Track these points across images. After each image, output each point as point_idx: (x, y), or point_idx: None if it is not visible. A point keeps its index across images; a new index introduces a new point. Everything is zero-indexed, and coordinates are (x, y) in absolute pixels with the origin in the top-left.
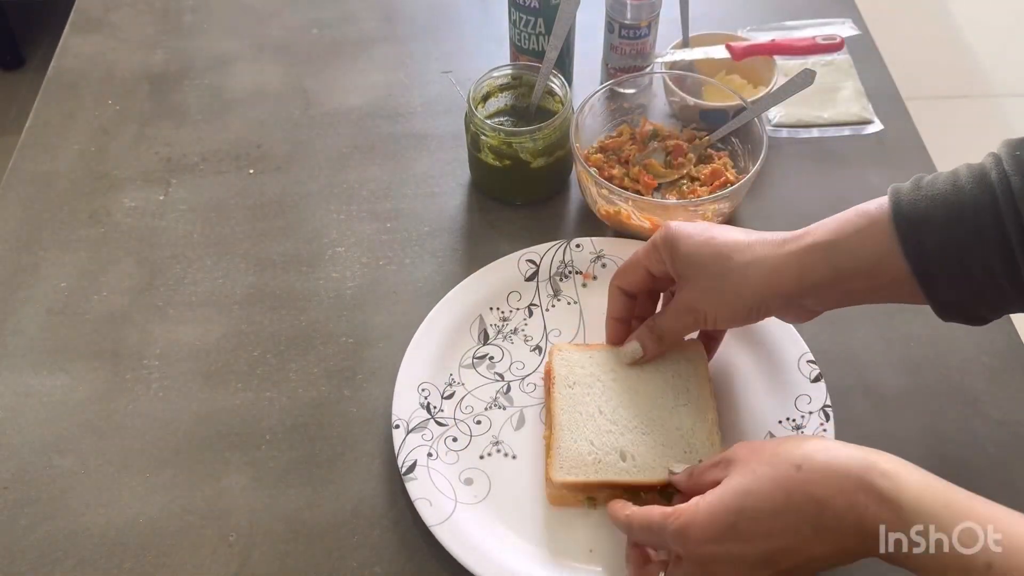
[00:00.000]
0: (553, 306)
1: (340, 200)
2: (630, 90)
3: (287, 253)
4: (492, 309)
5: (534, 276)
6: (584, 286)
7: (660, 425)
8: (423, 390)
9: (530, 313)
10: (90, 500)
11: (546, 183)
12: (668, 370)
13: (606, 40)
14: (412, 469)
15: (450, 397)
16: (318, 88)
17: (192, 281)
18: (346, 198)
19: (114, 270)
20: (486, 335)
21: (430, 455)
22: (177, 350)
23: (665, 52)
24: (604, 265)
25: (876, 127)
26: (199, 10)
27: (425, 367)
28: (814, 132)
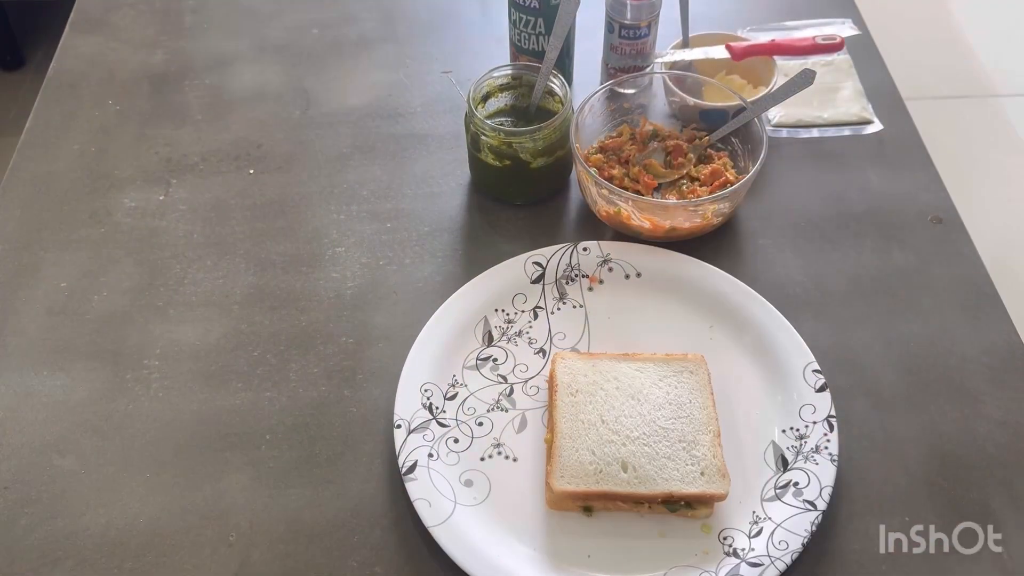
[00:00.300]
0: (559, 309)
1: (340, 200)
2: (630, 90)
3: (287, 253)
4: (497, 311)
5: (540, 279)
6: (590, 290)
7: (662, 436)
8: (426, 390)
9: (535, 316)
10: (90, 500)
11: (546, 183)
12: (671, 381)
13: (606, 40)
14: (412, 469)
15: (452, 398)
16: (318, 88)
17: (192, 281)
18: (346, 198)
19: (114, 270)
20: (490, 337)
21: (431, 456)
22: (177, 350)
23: (665, 52)
24: (611, 269)
25: (876, 127)
26: (199, 10)
27: (428, 367)
28: (814, 132)
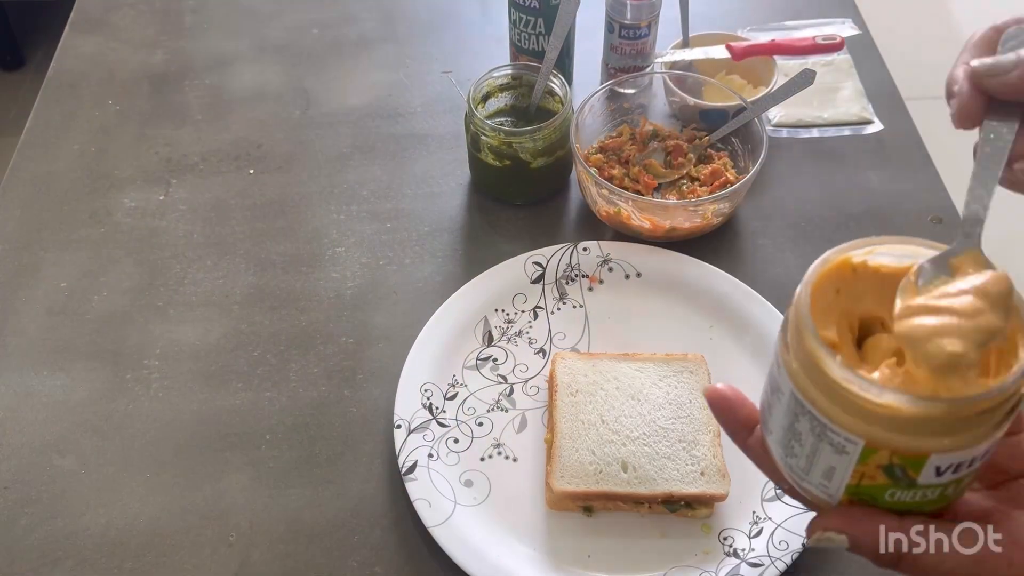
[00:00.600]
0: (559, 309)
1: (340, 200)
2: (630, 90)
3: (287, 253)
4: (497, 311)
5: (540, 279)
6: (590, 290)
7: (663, 436)
8: (426, 390)
9: (535, 316)
10: (90, 500)
11: (546, 183)
12: (671, 381)
13: (606, 40)
14: (412, 470)
15: (452, 398)
16: (318, 88)
17: (192, 281)
18: (346, 198)
19: (114, 270)
20: (490, 337)
21: (431, 456)
22: (177, 350)
23: (665, 52)
24: (611, 269)
25: (876, 127)
26: (199, 10)
27: (428, 367)
28: (814, 132)
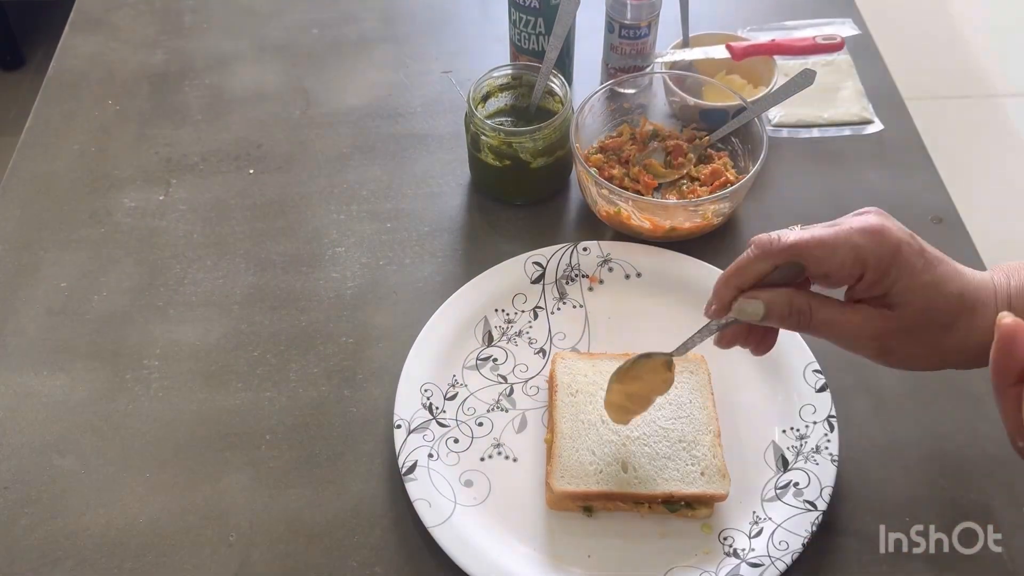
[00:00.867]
0: (559, 309)
1: (340, 200)
2: (630, 90)
3: (287, 253)
4: (497, 311)
5: (540, 279)
6: (590, 290)
7: (663, 436)
8: (426, 390)
9: (535, 316)
10: (90, 500)
11: (546, 183)
12: None
13: (606, 40)
14: (412, 470)
15: (452, 398)
16: (318, 88)
17: (192, 281)
18: (346, 198)
19: (114, 270)
20: (490, 337)
21: (431, 456)
22: (177, 350)
23: (665, 52)
24: (611, 269)
25: (876, 127)
26: (199, 10)
27: (428, 367)
28: (814, 132)
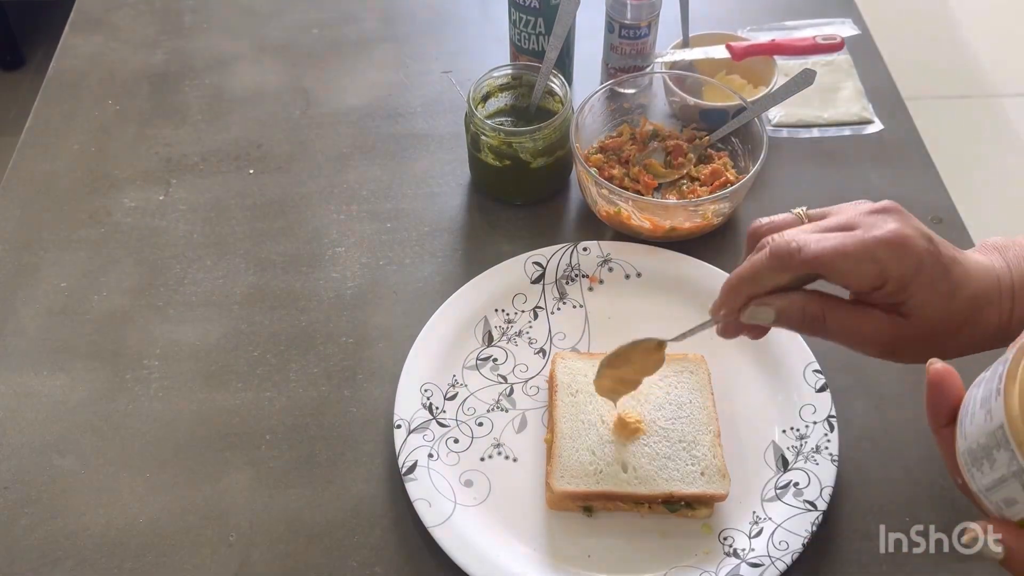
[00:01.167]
0: (559, 309)
1: (340, 200)
2: (630, 90)
3: (287, 253)
4: (497, 311)
5: (540, 279)
6: (590, 290)
7: (663, 436)
8: (426, 390)
9: (535, 316)
10: (90, 500)
11: (546, 183)
12: (671, 381)
13: (606, 40)
14: (412, 470)
15: (452, 398)
16: (318, 88)
17: (192, 281)
18: (346, 198)
19: (114, 270)
20: (490, 337)
21: (431, 456)
22: (177, 350)
23: (665, 52)
24: (611, 269)
25: (876, 127)
26: (199, 10)
27: (428, 367)
28: (814, 132)
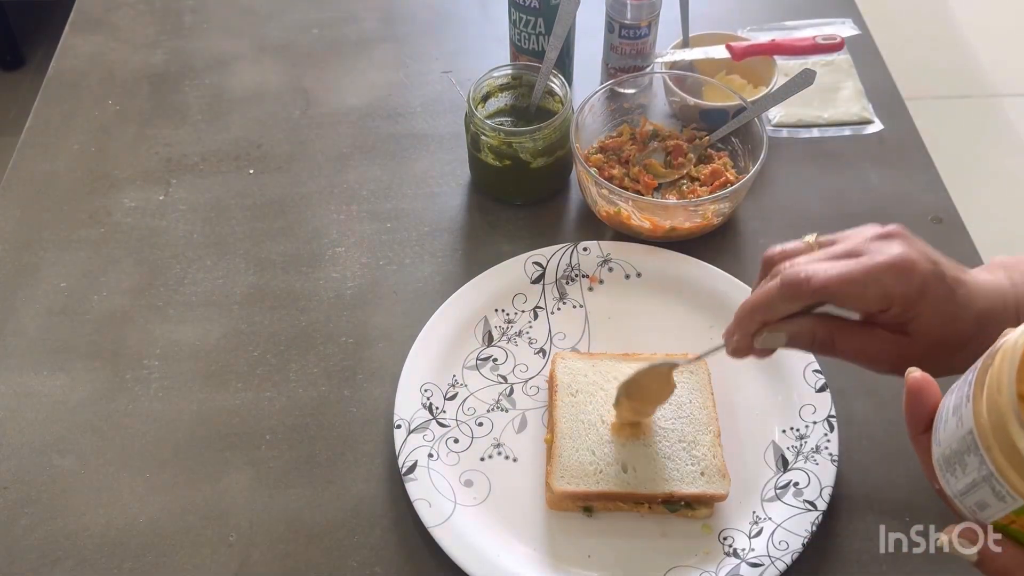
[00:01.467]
0: (559, 309)
1: (340, 200)
2: (630, 90)
3: (287, 253)
4: (497, 311)
5: (540, 279)
6: (590, 290)
7: (662, 436)
8: (426, 390)
9: (535, 316)
10: (90, 500)
11: (546, 183)
12: None
13: (606, 40)
14: (412, 470)
15: (452, 398)
16: (318, 88)
17: (192, 281)
18: (346, 198)
19: (114, 270)
20: (490, 337)
21: (431, 456)
22: (177, 350)
23: (665, 52)
24: (611, 269)
25: (876, 127)
26: (199, 10)
27: (428, 367)
28: (814, 132)
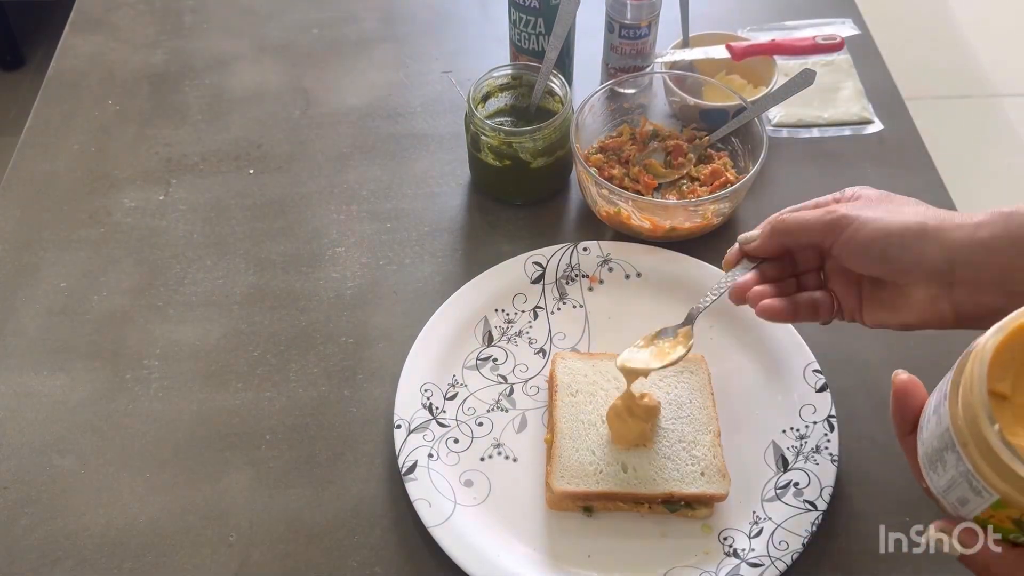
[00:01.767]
0: (559, 309)
1: (340, 200)
2: (630, 90)
3: (287, 253)
4: (497, 311)
5: (540, 279)
6: (590, 290)
7: (662, 436)
8: (426, 390)
9: (535, 316)
10: (90, 500)
11: (546, 183)
12: (671, 381)
13: (606, 40)
14: (412, 470)
15: (452, 398)
16: (318, 88)
17: (192, 281)
18: (346, 198)
19: (114, 270)
20: (490, 337)
21: (431, 456)
22: (177, 350)
23: (665, 52)
24: (611, 269)
25: (876, 127)
26: (199, 10)
27: (428, 367)
28: (814, 132)
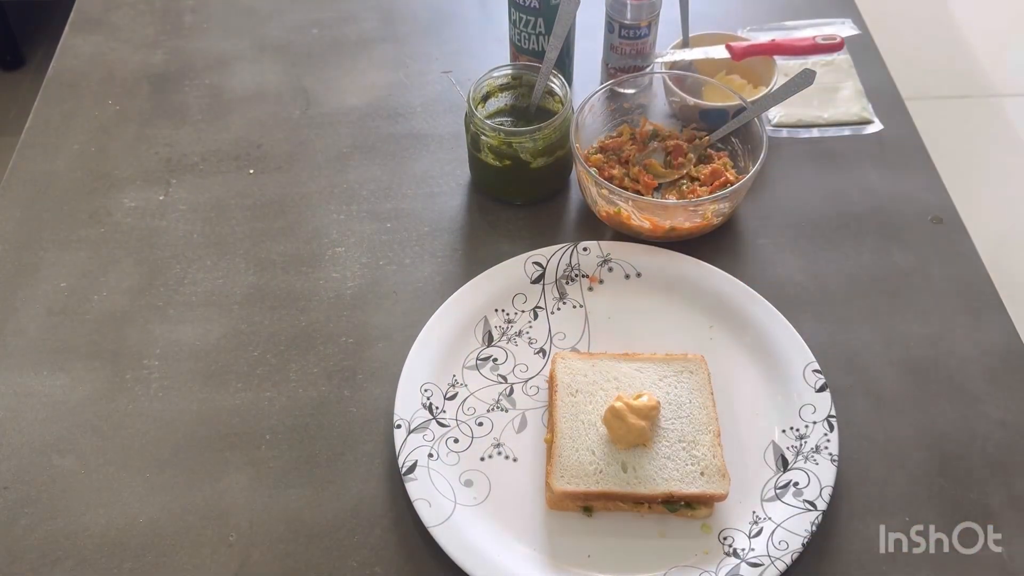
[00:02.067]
0: (559, 309)
1: (340, 200)
2: (630, 90)
3: (287, 253)
4: (497, 311)
5: (540, 279)
6: (590, 290)
7: (662, 436)
8: (425, 390)
9: (535, 316)
10: (90, 500)
11: (546, 183)
12: (671, 381)
13: (606, 40)
14: (412, 469)
15: (452, 398)
16: (318, 88)
17: (192, 281)
18: (346, 198)
19: (114, 270)
20: (490, 337)
21: (431, 456)
22: (177, 350)
23: (665, 52)
24: (611, 269)
25: (876, 127)
26: (199, 10)
27: (428, 367)
28: (814, 132)
